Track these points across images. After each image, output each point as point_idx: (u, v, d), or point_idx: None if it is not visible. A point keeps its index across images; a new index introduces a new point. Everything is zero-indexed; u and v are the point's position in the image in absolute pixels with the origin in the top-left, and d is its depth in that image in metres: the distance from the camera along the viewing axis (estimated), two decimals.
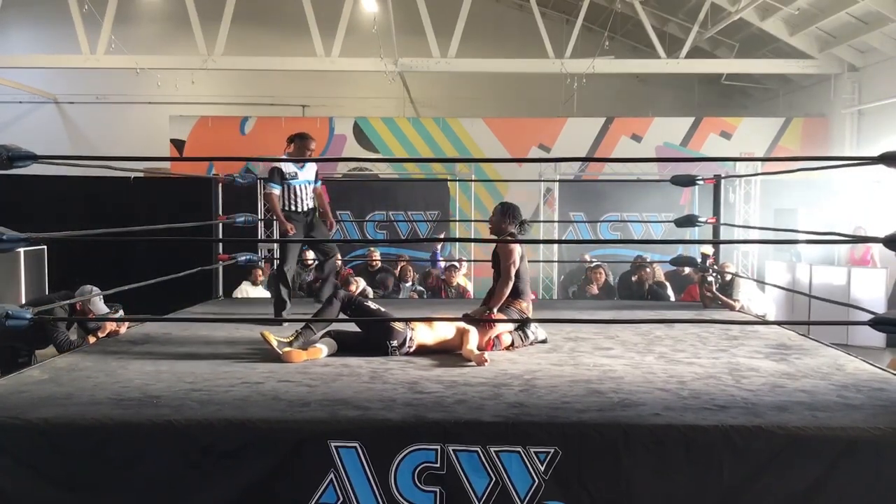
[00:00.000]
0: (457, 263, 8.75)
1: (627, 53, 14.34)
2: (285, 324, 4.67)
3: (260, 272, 8.45)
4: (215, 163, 10.82)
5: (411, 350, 4.02)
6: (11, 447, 2.71)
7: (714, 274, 6.29)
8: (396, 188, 11.27)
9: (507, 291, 4.41)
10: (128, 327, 5.16)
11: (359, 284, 7.33)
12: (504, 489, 2.66)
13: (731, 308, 6.24)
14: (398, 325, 4.00)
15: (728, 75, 13.37)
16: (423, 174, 11.62)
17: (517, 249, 4.45)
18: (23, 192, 10.75)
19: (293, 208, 5.29)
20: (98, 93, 14.88)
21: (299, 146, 5.26)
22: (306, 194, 5.32)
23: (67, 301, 4.94)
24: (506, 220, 4.58)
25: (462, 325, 4.14)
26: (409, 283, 8.55)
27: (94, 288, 5.08)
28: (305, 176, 5.30)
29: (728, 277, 6.50)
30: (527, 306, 4.50)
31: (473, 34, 11.99)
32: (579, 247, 10.13)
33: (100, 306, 5.17)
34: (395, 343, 3.98)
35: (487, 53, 13.33)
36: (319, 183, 5.54)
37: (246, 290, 7.96)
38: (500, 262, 4.49)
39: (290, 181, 5.25)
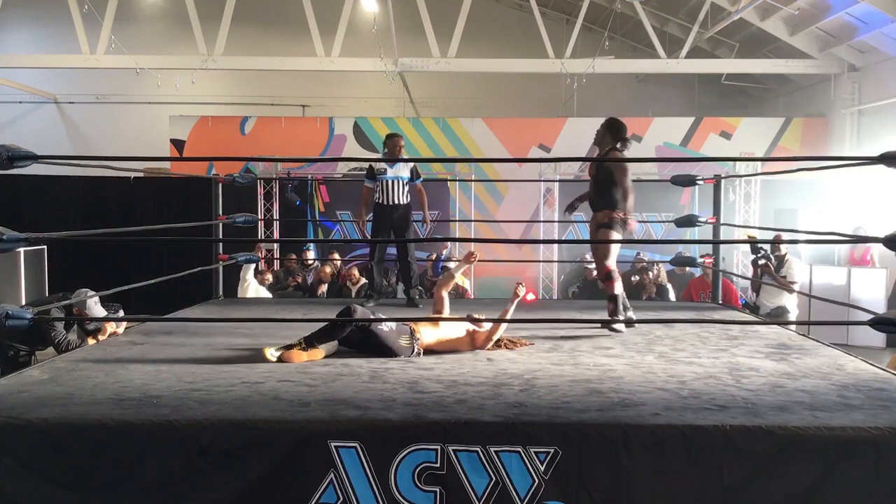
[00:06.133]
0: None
1: (627, 53, 14.35)
2: (288, 332, 4.64)
3: (269, 275, 8.45)
4: (215, 163, 10.83)
5: (420, 357, 4.00)
6: (11, 447, 2.71)
7: (765, 257, 6.50)
8: None
9: (630, 202, 4.72)
10: (126, 328, 5.17)
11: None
12: (504, 489, 2.66)
13: (790, 290, 6.43)
14: (404, 342, 3.95)
15: (728, 75, 13.36)
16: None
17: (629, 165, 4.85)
18: (23, 192, 10.78)
19: (380, 201, 5.92)
20: (98, 93, 14.89)
21: (389, 145, 6.09)
22: (395, 189, 5.91)
23: (65, 302, 4.95)
24: (606, 137, 4.94)
25: (470, 326, 4.14)
26: None
27: (90, 291, 5.09)
28: (395, 172, 5.94)
29: (779, 253, 6.73)
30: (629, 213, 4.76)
31: (473, 34, 11.99)
32: (579, 247, 10.13)
33: (96, 310, 5.17)
34: (400, 357, 3.95)
35: (487, 53, 13.32)
36: (420, 181, 6.15)
37: (254, 287, 7.86)
38: (607, 176, 4.86)
39: (380, 176, 5.92)
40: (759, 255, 7.02)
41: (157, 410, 2.90)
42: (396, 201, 5.91)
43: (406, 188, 5.97)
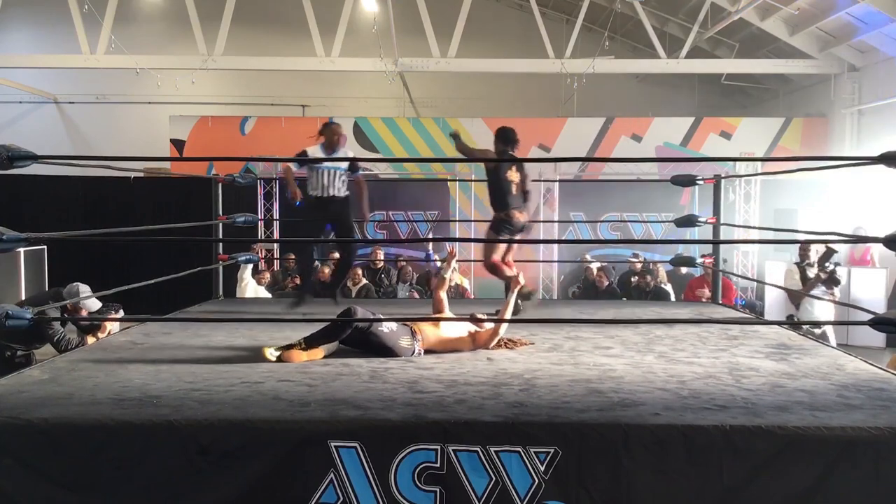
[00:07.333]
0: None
1: (627, 53, 14.34)
2: (288, 332, 4.62)
3: (268, 274, 8.44)
4: (215, 163, 10.83)
5: (420, 357, 4.00)
6: (11, 447, 2.71)
7: (826, 268, 6.42)
8: (396, 188, 11.27)
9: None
10: (125, 328, 5.16)
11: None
12: (504, 489, 2.66)
13: (835, 302, 6.50)
14: (405, 343, 3.95)
15: (728, 75, 13.36)
16: (423, 174, 11.62)
17: (494, 165, 5.24)
18: (23, 192, 10.77)
19: (314, 193, 5.43)
20: (98, 93, 14.88)
21: (327, 134, 5.47)
22: (332, 180, 5.41)
23: (62, 303, 4.96)
24: (497, 145, 5.41)
25: (472, 326, 4.15)
26: (409, 283, 8.57)
27: (82, 285, 5.10)
28: (333, 162, 5.40)
29: (830, 268, 6.55)
30: (516, 214, 5.23)
31: (473, 34, 11.99)
32: (579, 247, 10.14)
33: (90, 304, 5.20)
34: (400, 358, 3.95)
35: (487, 53, 13.32)
36: (359, 172, 5.63)
37: (253, 287, 7.87)
38: (489, 178, 5.37)
39: (314, 166, 5.38)
40: (828, 269, 6.63)
41: (157, 410, 2.90)
42: (332, 193, 5.44)
43: (344, 180, 5.50)
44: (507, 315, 4.29)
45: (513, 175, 5.29)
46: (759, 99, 14.76)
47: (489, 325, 4.18)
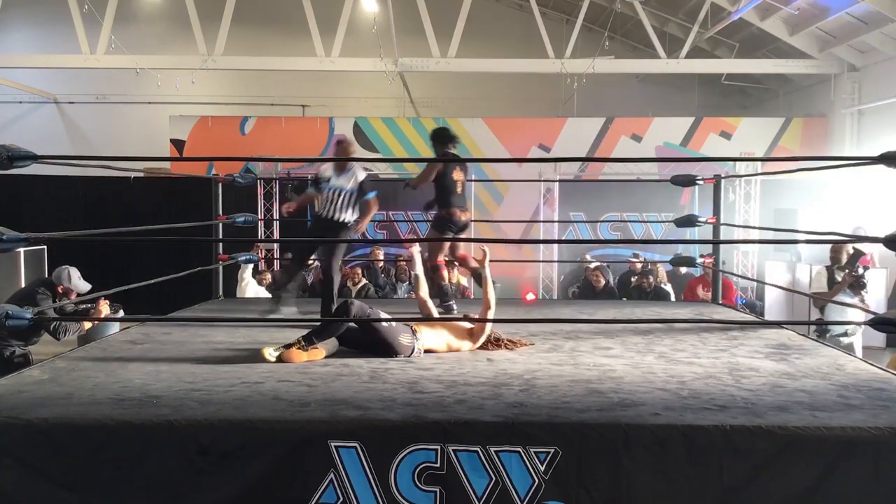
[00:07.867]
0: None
1: (627, 53, 14.34)
2: (288, 332, 4.60)
3: (268, 274, 8.43)
4: (215, 163, 10.82)
5: (420, 356, 4.00)
6: (11, 447, 2.71)
7: (855, 273, 6.22)
8: (396, 188, 11.25)
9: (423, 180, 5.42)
10: (124, 328, 5.16)
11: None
12: (504, 489, 2.66)
13: (866, 310, 5.90)
14: (405, 340, 3.96)
15: (728, 75, 13.36)
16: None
17: (440, 167, 5.36)
18: (23, 192, 10.78)
19: (319, 212, 5.42)
20: (98, 93, 14.87)
21: (338, 151, 5.62)
22: (335, 200, 5.30)
23: (60, 303, 4.97)
24: (436, 147, 5.53)
25: (468, 325, 4.17)
26: (407, 283, 8.56)
27: (71, 268, 5.13)
28: (339, 182, 5.31)
29: (859, 271, 6.34)
30: (458, 213, 5.39)
31: (473, 34, 11.98)
32: (579, 247, 10.13)
33: (80, 285, 5.24)
34: (401, 357, 3.95)
35: (487, 53, 13.32)
36: (373, 195, 5.46)
37: (253, 287, 7.87)
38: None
39: (322, 184, 5.38)
40: (857, 273, 6.29)
41: (157, 410, 2.90)
42: (334, 216, 5.28)
43: (348, 202, 5.32)
44: (492, 303, 4.38)
45: (458, 175, 5.42)
46: (759, 99, 14.76)
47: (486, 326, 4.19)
